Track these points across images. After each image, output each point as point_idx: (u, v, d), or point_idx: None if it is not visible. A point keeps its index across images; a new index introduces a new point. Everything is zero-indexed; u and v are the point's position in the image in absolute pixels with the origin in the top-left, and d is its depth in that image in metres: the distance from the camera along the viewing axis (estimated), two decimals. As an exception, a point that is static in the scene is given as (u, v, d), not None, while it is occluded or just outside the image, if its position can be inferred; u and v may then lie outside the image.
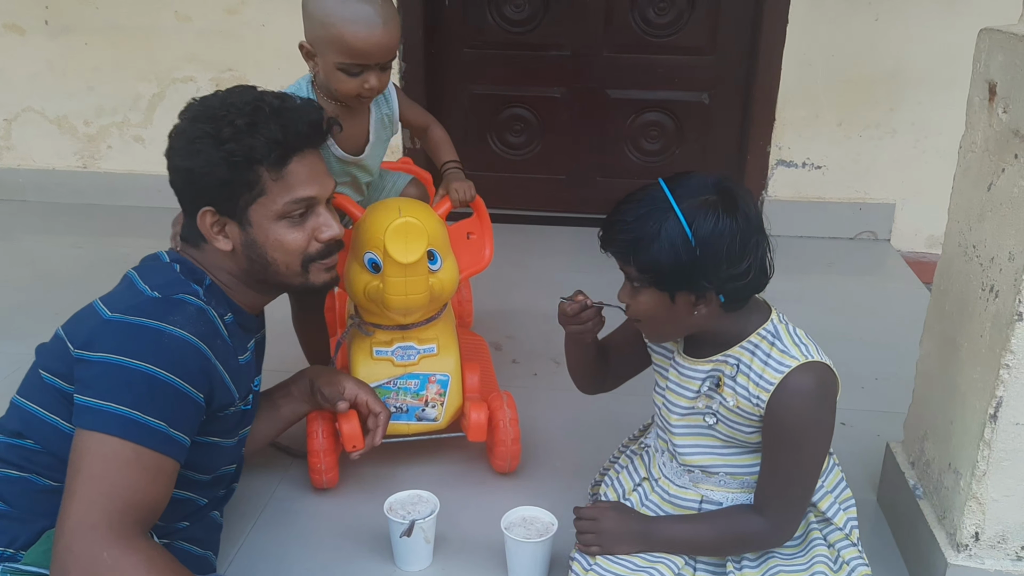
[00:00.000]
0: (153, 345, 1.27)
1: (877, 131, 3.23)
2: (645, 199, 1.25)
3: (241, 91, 1.44)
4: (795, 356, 1.28)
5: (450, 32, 3.36)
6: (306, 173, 1.44)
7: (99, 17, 3.34)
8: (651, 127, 3.45)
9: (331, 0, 1.62)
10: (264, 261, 1.45)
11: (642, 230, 1.23)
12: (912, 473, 1.66)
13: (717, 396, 1.34)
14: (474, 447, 1.94)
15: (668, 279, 1.24)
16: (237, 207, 1.40)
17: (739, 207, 1.23)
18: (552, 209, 3.56)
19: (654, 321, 1.32)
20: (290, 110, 1.42)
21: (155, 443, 1.24)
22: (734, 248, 1.22)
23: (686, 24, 3.29)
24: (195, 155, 1.37)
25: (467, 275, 1.95)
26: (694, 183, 1.25)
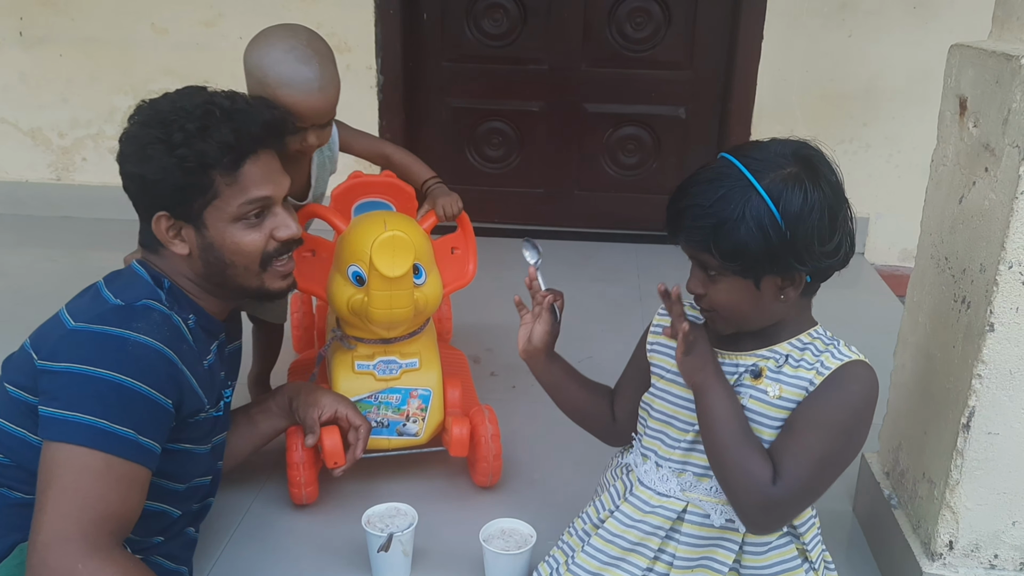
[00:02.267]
0: (118, 353, 1.26)
1: (851, 146, 3.27)
2: (719, 178, 1.14)
3: (191, 93, 1.41)
4: (857, 354, 1.23)
5: (428, 45, 3.38)
6: (260, 174, 1.41)
7: (74, 29, 3.32)
8: (628, 141, 3.48)
9: (269, 59, 1.59)
10: (221, 263, 1.43)
11: (723, 213, 1.11)
12: (887, 483, 1.67)
13: (749, 389, 1.25)
14: (454, 461, 1.93)
15: (756, 264, 1.14)
16: (192, 211, 1.38)
17: (822, 175, 1.14)
18: (530, 222, 3.56)
19: (735, 310, 1.21)
20: (241, 112, 1.40)
21: (125, 452, 1.23)
22: (824, 222, 1.13)
23: (663, 39, 3.33)
24: (147, 161, 1.34)
25: (451, 290, 1.95)
26: (768, 153, 1.15)
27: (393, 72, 3.31)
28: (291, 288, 1.55)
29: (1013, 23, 1.39)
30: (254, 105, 1.44)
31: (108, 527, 1.19)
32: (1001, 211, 1.28)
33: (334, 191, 2.08)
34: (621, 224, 3.54)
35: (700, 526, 1.32)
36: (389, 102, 3.35)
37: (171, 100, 1.39)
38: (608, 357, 1.58)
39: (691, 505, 1.32)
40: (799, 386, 1.22)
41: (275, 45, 1.60)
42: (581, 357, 2.45)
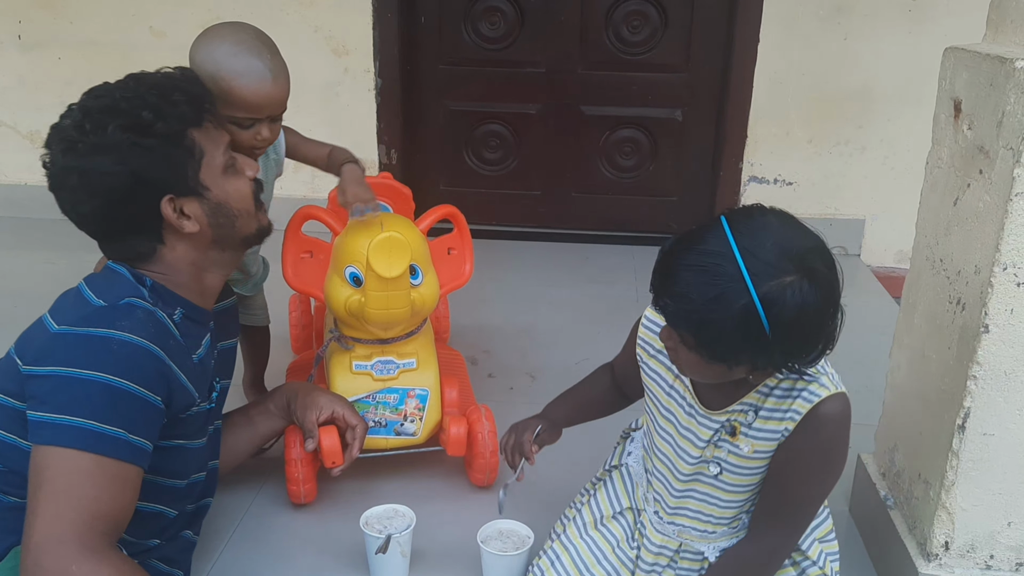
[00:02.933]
0: (103, 353, 1.25)
1: (847, 148, 3.29)
2: (715, 274, 1.08)
3: (103, 87, 1.37)
4: (825, 385, 1.21)
5: (426, 49, 3.38)
6: (212, 124, 1.44)
7: (73, 32, 3.33)
8: (625, 143, 3.49)
9: (219, 53, 1.59)
10: (231, 217, 1.45)
11: (712, 315, 1.08)
12: (883, 484, 1.68)
13: (727, 445, 1.28)
14: (452, 461, 1.94)
15: (732, 357, 1.13)
16: (188, 181, 1.38)
17: (820, 284, 1.08)
18: (527, 224, 3.58)
19: (699, 375, 1.23)
20: (170, 76, 1.42)
21: (116, 451, 1.23)
22: (810, 332, 1.11)
23: (659, 42, 3.34)
24: (130, 155, 1.31)
25: (447, 290, 1.96)
26: (773, 251, 1.07)
27: (391, 75, 3.32)
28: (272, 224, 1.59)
29: (1007, 26, 1.40)
30: (166, 69, 1.45)
31: (100, 527, 1.19)
32: (995, 213, 1.29)
33: (331, 193, 2.09)
34: (618, 226, 3.55)
35: (692, 560, 1.39)
36: (387, 105, 3.35)
37: (97, 97, 1.34)
38: (605, 358, 1.59)
39: (682, 547, 1.39)
40: (771, 439, 1.25)
41: (224, 39, 1.61)
42: (578, 359, 2.48)
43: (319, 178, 3.40)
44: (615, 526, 1.47)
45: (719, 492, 1.32)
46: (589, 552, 1.46)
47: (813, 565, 1.37)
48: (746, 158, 3.34)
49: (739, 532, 1.36)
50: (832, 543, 1.41)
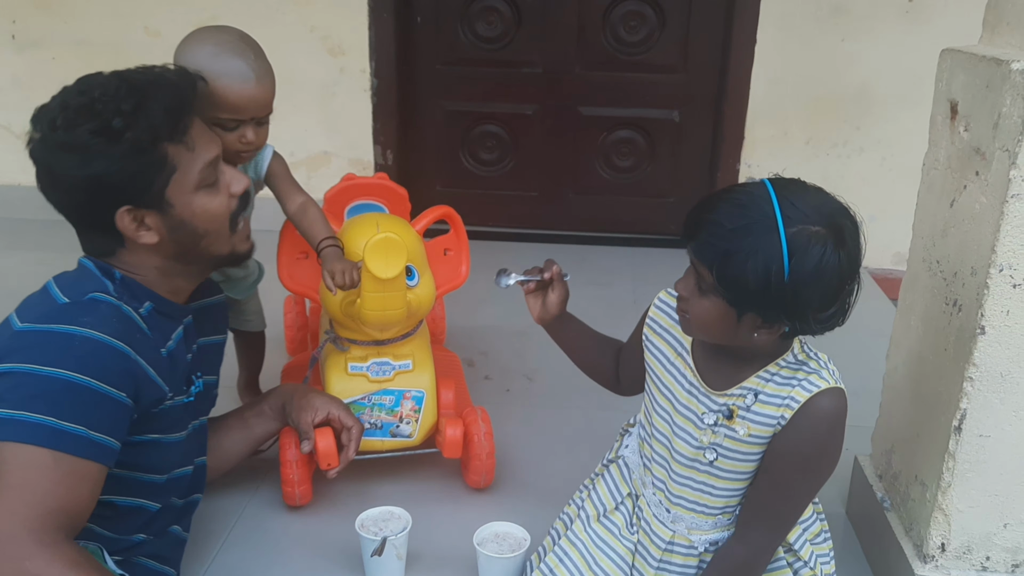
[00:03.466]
0: (64, 350, 1.24)
1: (844, 149, 3.29)
2: (750, 207, 1.12)
3: (97, 80, 1.33)
4: (825, 378, 1.22)
5: (423, 48, 3.38)
6: (204, 134, 1.39)
7: (67, 32, 3.32)
8: (623, 144, 3.48)
9: (203, 55, 1.58)
10: (195, 236, 1.40)
11: (739, 243, 1.10)
12: (880, 486, 1.68)
13: (724, 429, 1.28)
14: (448, 463, 1.93)
15: (746, 300, 1.14)
16: (153, 194, 1.34)
17: (847, 246, 1.11)
18: (524, 226, 3.57)
19: (707, 325, 1.22)
20: (162, 77, 1.35)
21: (75, 448, 1.21)
22: (828, 291, 1.12)
23: (657, 43, 3.34)
24: (93, 160, 1.28)
25: (444, 291, 1.96)
26: (807, 205, 1.11)
27: (387, 75, 3.31)
28: (253, 248, 1.56)
29: (1003, 28, 1.40)
30: (166, 70, 1.39)
31: (55, 522, 1.18)
32: (992, 215, 1.29)
33: (327, 193, 2.09)
34: (615, 227, 3.55)
35: (685, 555, 1.38)
36: (383, 105, 3.35)
37: (80, 93, 1.31)
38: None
39: (673, 541, 1.38)
40: (767, 424, 1.24)
41: (207, 40, 1.60)
42: (575, 360, 2.47)
43: (315, 178, 3.40)
44: (617, 516, 1.48)
45: (713, 480, 1.32)
46: (595, 546, 1.46)
47: (805, 566, 1.37)
48: (744, 159, 3.33)
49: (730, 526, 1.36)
50: (823, 545, 1.41)
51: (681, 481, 1.35)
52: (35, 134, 1.32)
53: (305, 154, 3.41)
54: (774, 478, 1.27)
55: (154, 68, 1.39)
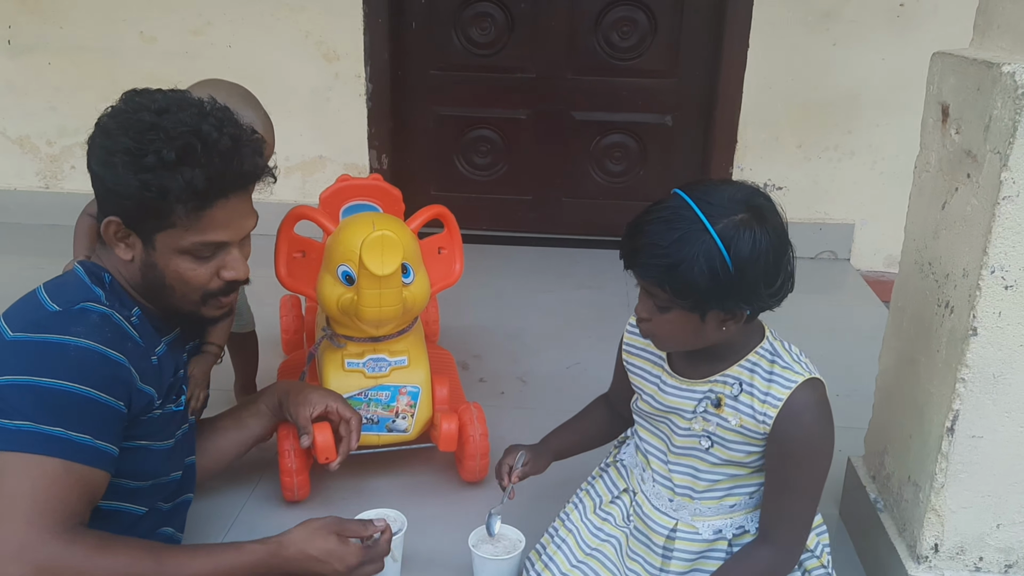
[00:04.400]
0: (60, 360, 1.24)
1: (836, 153, 3.30)
2: (675, 219, 1.19)
3: (182, 109, 1.31)
4: (798, 372, 1.28)
5: (416, 54, 3.39)
6: (224, 218, 1.36)
7: (62, 37, 3.32)
8: (615, 149, 3.50)
9: None
10: (161, 284, 1.39)
11: (679, 255, 1.17)
12: (873, 487, 1.69)
13: (715, 418, 1.32)
14: (443, 458, 1.95)
15: (704, 302, 1.21)
16: (143, 229, 1.34)
17: (769, 221, 1.20)
18: (518, 229, 3.58)
19: (676, 338, 1.29)
20: (225, 153, 1.31)
21: (84, 457, 1.23)
22: (770, 267, 1.19)
23: (649, 48, 3.35)
24: (110, 167, 1.29)
25: (438, 289, 1.97)
26: (722, 198, 1.20)
27: (381, 80, 3.32)
28: (226, 316, 1.55)
29: (994, 31, 1.41)
30: (242, 144, 1.35)
31: (69, 525, 1.20)
32: (983, 217, 1.30)
33: (322, 194, 2.10)
34: (608, 231, 3.55)
35: (690, 541, 1.39)
36: (378, 110, 3.35)
37: (157, 112, 1.30)
38: (595, 363, 1.60)
39: (676, 529, 1.39)
40: (756, 419, 1.29)
41: (219, 88, 1.62)
42: (569, 363, 2.48)
43: (309, 183, 3.41)
44: (613, 508, 1.51)
45: (711, 467, 1.35)
46: (590, 533, 1.50)
47: (811, 556, 1.39)
48: (736, 163, 3.35)
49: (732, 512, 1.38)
50: (825, 535, 1.43)
51: (680, 470, 1.38)
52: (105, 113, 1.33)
53: (300, 159, 3.42)
54: (780, 479, 1.31)
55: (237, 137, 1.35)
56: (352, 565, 1.39)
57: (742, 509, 1.38)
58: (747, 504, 1.38)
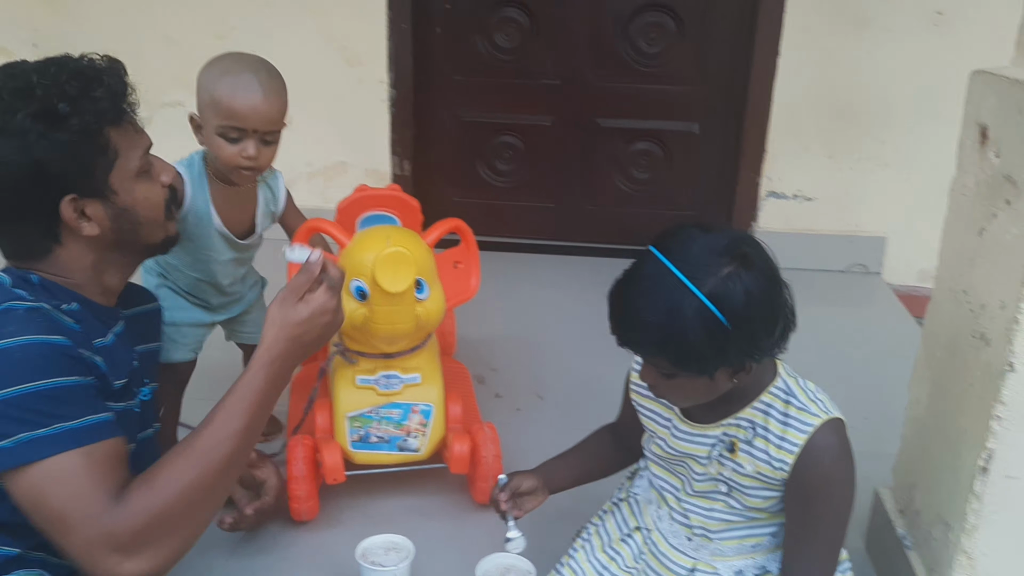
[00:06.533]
0: (11, 366, 1.18)
1: (868, 163, 3.22)
2: (659, 289, 1.13)
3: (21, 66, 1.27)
4: (815, 413, 1.22)
5: (440, 59, 3.35)
6: (133, 124, 1.36)
7: (87, 40, 3.25)
8: (641, 156, 3.43)
9: (217, 69, 1.66)
10: (136, 223, 1.37)
11: (671, 327, 1.11)
12: (901, 522, 1.62)
13: (730, 463, 1.27)
14: (455, 478, 1.90)
15: (708, 364, 1.15)
16: (96, 182, 1.30)
17: (756, 265, 1.13)
18: (540, 237, 3.53)
19: (689, 399, 1.26)
20: (96, 65, 1.32)
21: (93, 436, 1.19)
22: (766, 313, 1.14)
23: (676, 54, 3.29)
24: (34, 145, 1.22)
25: (453, 304, 1.94)
26: (700, 253, 1.13)
27: (405, 86, 3.28)
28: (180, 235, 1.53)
29: (1037, 49, 1.34)
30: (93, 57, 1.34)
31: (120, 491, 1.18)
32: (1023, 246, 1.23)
33: (340, 204, 2.07)
34: (632, 240, 3.46)
35: None
36: (400, 115, 3.32)
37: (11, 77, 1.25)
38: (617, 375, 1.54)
39: (695, 570, 1.34)
40: (772, 464, 1.23)
41: (224, 58, 1.70)
42: (588, 378, 2.42)
43: (331, 188, 3.38)
44: (623, 547, 1.45)
45: (731, 510, 1.30)
46: (596, 573, 1.45)
47: None
48: (764, 172, 3.28)
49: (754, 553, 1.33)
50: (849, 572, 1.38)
51: (695, 510, 1.33)
52: None
53: (322, 164, 3.39)
54: (801, 523, 1.26)
55: (81, 56, 1.33)
56: (330, 305, 1.35)
57: (764, 549, 1.32)
58: (769, 544, 1.32)
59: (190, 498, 1.21)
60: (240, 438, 1.26)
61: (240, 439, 1.26)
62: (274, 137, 1.71)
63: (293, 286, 1.34)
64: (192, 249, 1.79)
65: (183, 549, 1.23)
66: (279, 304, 1.33)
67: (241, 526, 1.68)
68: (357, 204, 2.10)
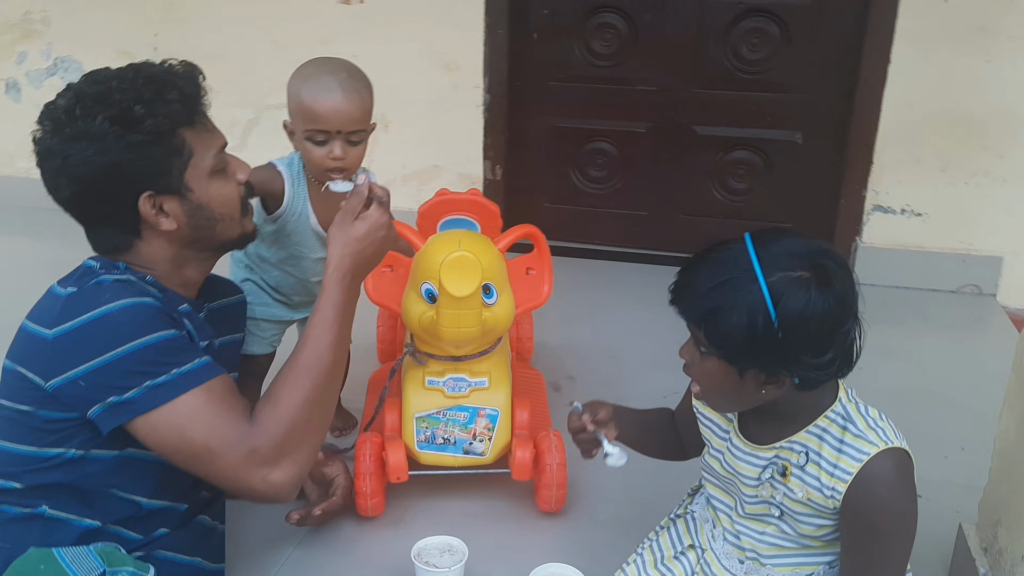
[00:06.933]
0: (115, 328, 1.27)
1: (985, 179, 3.03)
2: (727, 262, 1.12)
3: (103, 73, 1.37)
4: (872, 442, 1.15)
5: (536, 64, 3.35)
6: (206, 125, 1.43)
7: (203, 46, 3.46)
8: (739, 165, 3.34)
9: (301, 75, 1.71)
10: (212, 220, 1.44)
11: (719, 300, 1.10)
12: (984, 560, 1.51)
13: (781, 487, 1.22)
14: (520, 484, 1.89)
15: (740, 355, 1.13)
16: (172, 180, 1.37)
17: (834, 287, 1.09)
18: (631, 246, 3.48)
19: (715, 390, 1.22)
20: (172, 70, 1.40)
21: (207, 375, 1.31)
22: (820, 335, 1.09)
23: (780, 60, 3.18)
24: (113, 147, 1.31)
25: (523, 311, 1.94)
26: (786, 250, 1.11)
27: (499, 91, 3.30)
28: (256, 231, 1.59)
29: None
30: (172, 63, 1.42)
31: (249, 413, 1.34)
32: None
33: (421, 208, 2.09)
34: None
35: None
36: (494, 121, 3.34)
37: (94, 83, 1.35)
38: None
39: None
40: (823, 492, 1.17)
41: (310, 63, 1.75)
42: (666, 392, 2.35)
43: (424, 191, 3.43)
44: (675, 565, 1.42)
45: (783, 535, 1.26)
46: None
47: None
48: (870, 185, 3.13)
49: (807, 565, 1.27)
50: None
51: (747, 532, 1.29)
52: (46, 130, 1.35)
53: (416, 167, 3.45)
54: (857, 555, 1.20)
55: (162, 62, 1.42)
56: (383, 220, 1.48)
57: None
58: (825, 574, 1.25)
59: (309, 408, 1.37)
60: (335, 349, 1.42)
61: (335, 350, 1.42)
62: (360, 137, 1.74)
63: (347, 209, 1.47)
64: (288, 244, 1.85)
65: (313, 454, 1.41)
66: (338, 226, 1.46)
67: (308, 522, 1.73)
68: (438, 207, 2.13)
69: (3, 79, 3.73)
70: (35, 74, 3.69)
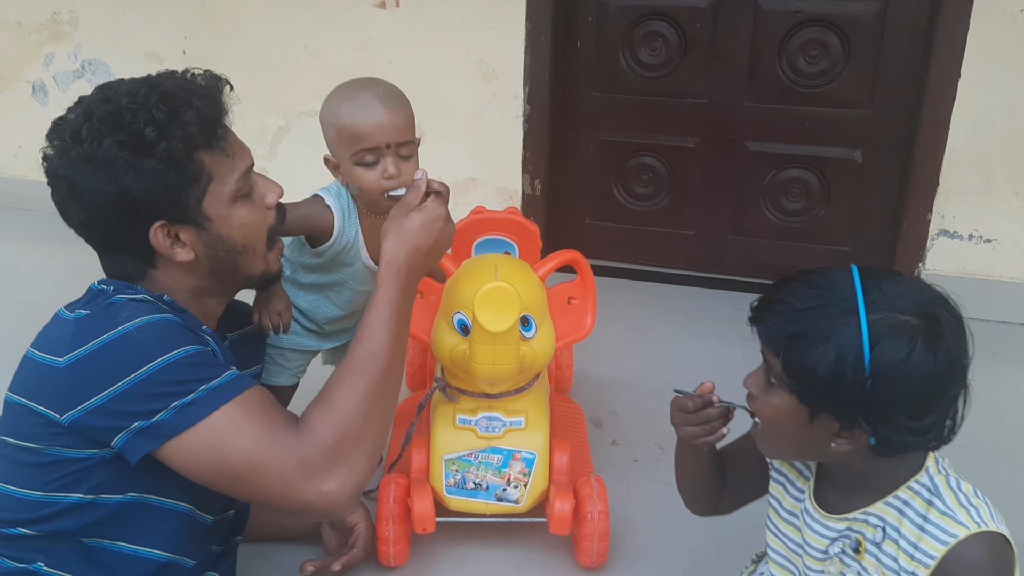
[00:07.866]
0: (137, 348, 1.17)
1: (1063, 205, 2.81)
2: (827, 287, 1.02)
3: (116, 87, 1.25)
4: (962, 522, 1.00)
5: (579, 74, 3.20)
6: (236, 142, 1.31)
7: (234, 50, 3.38)
8: (793, 184, 3.15)
9: (334, 101, 1.62)
10: (234, 252, 1.32)
11: (808, 325, 1.00)
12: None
13: (854, 563, 1.07)
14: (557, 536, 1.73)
15: (816, 395, 1.01)
16: (188, 208, 1.25)
17: (944, 343, 0.97)
18: (677, 267, 3.30)
19: (776, 430, 1.08)
20: (190, 86, 1.27)
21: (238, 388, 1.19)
22: (919, 395, 0.97)
23: (841, 74, 2.99)
24: (123, 174, 1.19)
25: (564, 344, 1.79)
26: (898, 291, 1.00)
27: (540, 101, 3.15)
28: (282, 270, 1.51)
29: None
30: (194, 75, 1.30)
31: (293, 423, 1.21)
32: None
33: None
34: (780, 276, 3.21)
35: None
36: (534, 132, 3.19)
37: (104, 100, 1.22)
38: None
39: None
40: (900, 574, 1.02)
41: (341, 87, 1.64)
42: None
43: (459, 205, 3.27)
44: None
45: None
46: None
47: None
48: (936, 209, 2.93)
49: None
50: None
51: None
52: (53, 147, 1.23)
53: (452, 180, 3.27)
54: None
55: (183, 73, 1.30)
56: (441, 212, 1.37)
57: None
58: None
59: (365, 410, 1.22)
60: (390, 348, 1.27)
61: (390, 349, 1.27)
62: (409, 150, 1.63)
63: (403, 202, 1.36)
64: (338, 275, 1.75)
65: (372, 462, 1.24)
66: (392, 219, 1.35)
67: None
68: (473, 227, 2.00)
69: (30, 81, 3.65)
70: (62, 76, 3.61)
